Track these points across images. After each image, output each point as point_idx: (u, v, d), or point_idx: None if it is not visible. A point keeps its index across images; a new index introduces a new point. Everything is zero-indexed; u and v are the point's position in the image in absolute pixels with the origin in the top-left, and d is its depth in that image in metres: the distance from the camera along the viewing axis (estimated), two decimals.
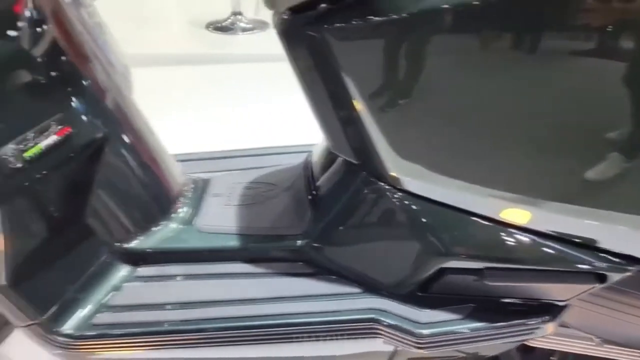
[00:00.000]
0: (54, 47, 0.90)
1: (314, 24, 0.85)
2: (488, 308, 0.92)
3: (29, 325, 0.90)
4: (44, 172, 0.87)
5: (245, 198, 1.16)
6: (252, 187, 1.19)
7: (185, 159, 1.35)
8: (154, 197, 1.09)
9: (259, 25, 3.94)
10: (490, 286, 0.90)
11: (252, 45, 3.67)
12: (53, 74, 0.90)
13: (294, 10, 0.86)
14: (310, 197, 1.10)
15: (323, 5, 0.83)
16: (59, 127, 0.89)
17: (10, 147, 0.81)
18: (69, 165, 0.92)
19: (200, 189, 1.20)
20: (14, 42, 0.85)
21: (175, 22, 4.21)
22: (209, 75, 3.02)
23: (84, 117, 0.95)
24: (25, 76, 0.86)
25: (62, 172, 0.92)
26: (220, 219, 1.10)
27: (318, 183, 1.09)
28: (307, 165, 1.18)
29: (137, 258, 1.04)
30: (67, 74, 0.93)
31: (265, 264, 1.04)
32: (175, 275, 1.03)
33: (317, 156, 1.15)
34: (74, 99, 0.93)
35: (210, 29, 3.91)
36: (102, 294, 0.98)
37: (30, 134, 0.84)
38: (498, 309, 0.92)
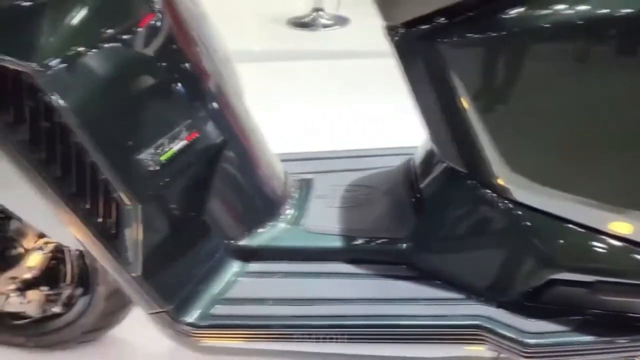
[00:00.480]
0: (174, 51, 0.97)
1: (429, 37, 0.88)
2: (597, 321, 0.92)
3: (157, 312, 0.99)
4: (174, 174, 0.95)
5: (347, 200, 1.20)
6: (353, 189, 1.23)
7: (286, 159, 1.42)
8: (264, 198, 1.16)
9: (340, 21, 3.97)
10: (600, 299, 0.90)
11: (333, 42, 3.70)
12: (179, 80, 0.98)
13: (410, 23, 0.89)
14: (413, 200, 1.13)
15: (439, 20, 0.86)
16: (188, 132, 0.97)
17: (149, 152, 0.89)
18: (192, 168, 1.00)
19: (304, 190, 1.26)
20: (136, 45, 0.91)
21: (256, 17, 4.31)
22: (289, 72, 3.09)
23: (207, 123, 1.02)
24: (158, 83, 0.94)
25: (187, 174, 1.00)
26: (324, 220, 1.15)
27: (421, 187, 1.12)
28: (408, 169, 1.21)
29: (249, 255, 1.11)
30: (190, 79, 1.00)
31: (368, 265, 1.08)
32: (283, 272, 1.09)
33: (419, 160, 1.17)
34: (199, 105, 1.01)
35: (290, 24, 3.99)
36: (218, 287, 1.05)
37: (165, 140, 0.92)
38: (608, 322, 0.92)
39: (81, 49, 0.82)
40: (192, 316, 1.00)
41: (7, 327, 1.32)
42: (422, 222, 1.07)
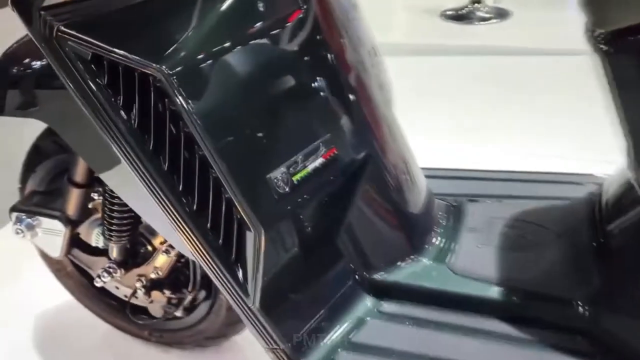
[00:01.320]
0: (318, 47, 0.84)
1: None
2: None
3: (273, 349, 0.87)
4: (306, 196, 0.82)
5: (507, 239, 0.98)
6: (516, 225, 1.01)
7: (431, 175, 1.23)
8: (407, 225, 0.99)
9: (499, 14, 3.62)
10: None
11: (491, 37, 3.38)
12: (321, 85, 0.84)
13: (625, 31, 0.68)
14: (596, 247, 0.88)
15: None
16: (326, 148, 0.83)
17: (281, 171, 0.77)
18: (327, 189, 0.86)
19: (454, 218, 1.07)
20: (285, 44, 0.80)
21: (408, 8, 4.10)
22: (440, 69, 2.85)
23: (349, 136, 0.87)
24: (298, 89, 0.81)
25: (320, 195, 0.86)
26: (476, 261, 0.95)
27: (610, 229, 0.87)
28: (591, 204, 0.96)
29: (383, 290, 0.96)
30: (333, 83, 0.86)
31: (530, 329, 0.86)
32: (422, 319, 0.91)
33: (609, 194, 0.92)
34: (341, 115, 0.86)
35: (444, 17, 3.73)
36: (345, 326, 0.91)
37: (300, 156, 0.79)
38: None
39: (216, 49, 0.71)
40: (312, 359, 0.87)
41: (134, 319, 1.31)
42: (609, 278, 0.83)
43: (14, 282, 1.57)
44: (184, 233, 0.79)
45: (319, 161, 0.82)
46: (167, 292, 1.19)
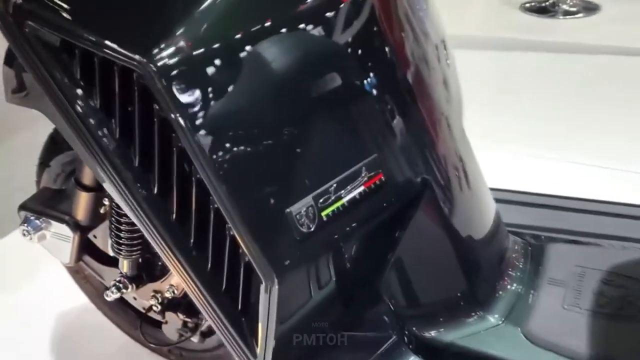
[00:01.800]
0: (374, 40, 0.64)
1: None
2: None
3: None
4: (338, 236, 0.62)
5: (604, 301, 0.75)
6: (618, 282, 0.78)
7: (503, 200, 1.00)
8: (472, 271, 0.78)
9: (587, 8, 3.25)
10: None
11: (576, 33, 3.03)
12: (373, 92, 0.64)
13: None
14: None
15: None
16: (370, 173, 0.63)
17: (306, 203, 0.57)
18: (370, 224, 0.66)
19: (532, 263, 0.84)
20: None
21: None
22: (518, 67, 2.55)
23: (401, 157, 0.67)
24: (340, 93, 0.61)
25: (360, 233, 0.66)
26: (560, 328, 0.73)
27: None
28: None
29: (435, 353, 0.75)
30: (389, 88, 0.66)
31: None
32: None
33: None
34: (394, 130, 0.66)
35: (524, 9, 3.39)
36: None
37: (332, 185, 0.59)
38: None
39: (226, 39, 0.53)
40: None
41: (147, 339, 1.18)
42: None
43: (33, 283, 1.48)
44: (178, 272, 0.61)
45: (359, 190, 0.62)
46: (182, 317, 1.03)
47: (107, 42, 0.49)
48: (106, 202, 1.00)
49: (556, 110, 2.05)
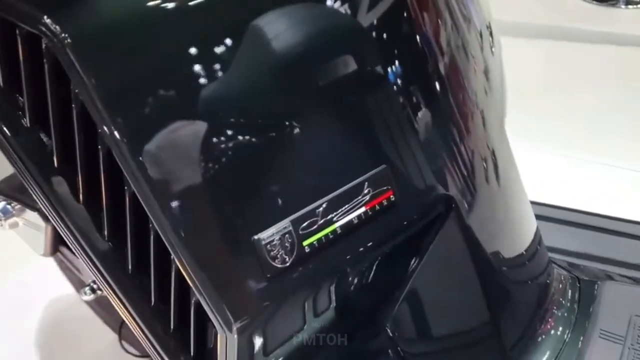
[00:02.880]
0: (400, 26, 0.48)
1: None
2: None
3: None
4: (328, 268, 0.47)
5: None
6: None
7: (543, 216, 0.84)
8: (501, 310, 0.62)
9: None
10: None
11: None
12: (387, 90, 0.48)
13: None
14: None
15: None
16: (375, 189, 0.47)
17: (280, 229, 0.42)
18: (375, 253, 0.51)
19: (580, 303, 0.67)
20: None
21: None
22: (575, 57, 2.32)
23: (418, 170, 0.51)
24: (340, 90, 0.46)
25: (361, 264, 0.51)
26: None
27: None
28: None
29: None
30: (414, 87, 0.50)
31: None
32: None
33: None
34: (412, 134, 0.50)
35: None
36: None
37: (321, 205, 0.44)
38: None
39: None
40: None
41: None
42: None
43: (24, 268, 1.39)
44: (114, 302, 0.48)
45: (359, 212, 0.46)
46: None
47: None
48: None
49: (617, 112, 1.83)
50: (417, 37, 0.51)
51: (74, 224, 0.44)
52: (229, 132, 0.40)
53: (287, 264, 0.43)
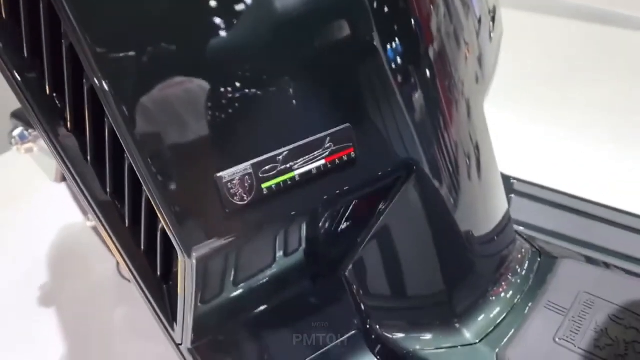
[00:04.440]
0: None
1: None
2: None
3: None
4: (286, 210, 0.52)
5: (603, 341, 0.62)
6: (626, 322, 0.64)
7: (519, 192, 0.87)
8: (455, 272, 0.66)
9: None
10: None
11: None
12: (365, 55, 0.52)
13: None
14: None
15: None
16: (336, 146, 0.51)
17: (241, 170, 0.47)
18: (332, 204, 0.56)
19: (535, 277, 0.71)
20: None
21: None
22: (619, 44, 2.22)
23: (386, 132, 0.55)
24: (315, 47, 0.50)
25: (319, 211, 0.56)
26: None
27: None
28: None
29: (393, 358, 0.65)
30: (403, 63, 0.54)
31: None
32: None
33: None
34: (382, 99, 0.54)
35: None
36: None
37: (281, 153, 0.49)
38: None
39: None
40: None
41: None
42: None
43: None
44: (97, 223, 0.54)
45: (318, 164, 0.51)
46: None
47: None
48: None
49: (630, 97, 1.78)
50: (409, 17, 0.54)
51: (62, 148, 0.50)
52: (205, 76, 0.44)
53: (245, 202, 0.48)
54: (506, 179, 0.92)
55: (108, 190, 0.51)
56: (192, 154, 0.45)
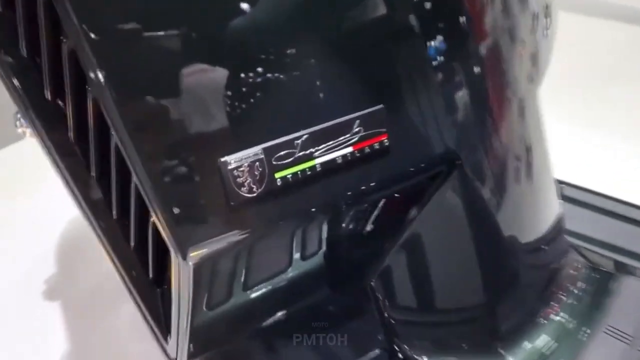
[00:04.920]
0: None
1: None
2: None
3: None
4: (303, 206, 0.43)
5: None
6: None
7: (573, 199, 0.77)
8: (498, 288, 0.57)
9: None
10: None
11: None
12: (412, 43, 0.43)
13: None
14: None
15: None
16: (367, 131, 0.43)
17: (250, 155, 0.39)
18: (359, 200, 0.47)
19: (590, 294, 0.61)
20: None
21: None
22: None
23: (423, 120, 0.46)
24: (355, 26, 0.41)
25: (342, 209, 0.47)
26: None
27: None
28: None
29: None
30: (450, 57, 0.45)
31: None
32: None
33: None
34: (425, 86, 0.45)
35: None
36: None
37: (301, 137, 0.40)
38: None
39: None
40: None
41: None
42: None
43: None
44: (83, 214, 0.46)
45: (344, 152, 0.42)
46: None
47: None
48: None
49: None
50: (461, 11, 0.45)
51: (43, 124, 0.42)
52: (214, 41, 0.36)
53: (255, 194, 0.39)
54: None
55: (93, 174, 0.43)
56: (191, 131, 0.37)
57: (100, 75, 0.33)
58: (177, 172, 0.37)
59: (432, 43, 0.44)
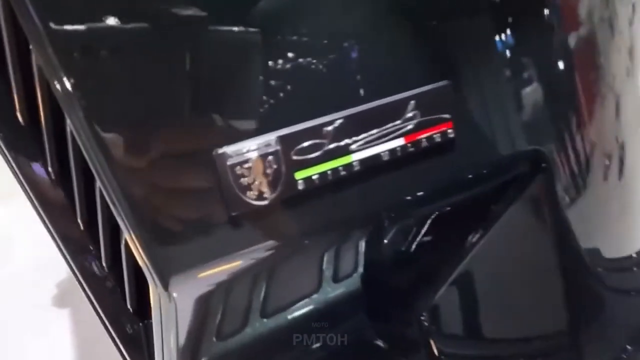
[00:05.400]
0: None
1: None
2: None
3: None
4: (334, 218, 0.31)
5: None
6: None
7: None
8: (584, 316, 0.45)
9: None
10: None
11: None
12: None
13: None
14: None
15: None
16: (425, 117, 0.30)
17: (261, 146, 0.27)
18: (410, 212, 0.35)
19: None
20: None
21: None
22: None
23: (500, 105, 0.33)
24: None
25: (384, 222, 0.35)
26: None
27: None
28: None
29: None
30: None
31: None
32: None
33: None
34: (506, 66, 0.32)
35: None
36: None
37: (334, 123, 0.28)
38: None
39: None
40: None
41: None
42: None
43: None
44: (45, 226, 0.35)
45: (393, 145, 0.30)
46: None
47: None
48: None
49: None
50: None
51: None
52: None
53: (266, 202, 0.28)
54: None
55: (50, 171, 0.32)
56: (172, 109, 0.25)
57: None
58: (155, 170, 0.26)
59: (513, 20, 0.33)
